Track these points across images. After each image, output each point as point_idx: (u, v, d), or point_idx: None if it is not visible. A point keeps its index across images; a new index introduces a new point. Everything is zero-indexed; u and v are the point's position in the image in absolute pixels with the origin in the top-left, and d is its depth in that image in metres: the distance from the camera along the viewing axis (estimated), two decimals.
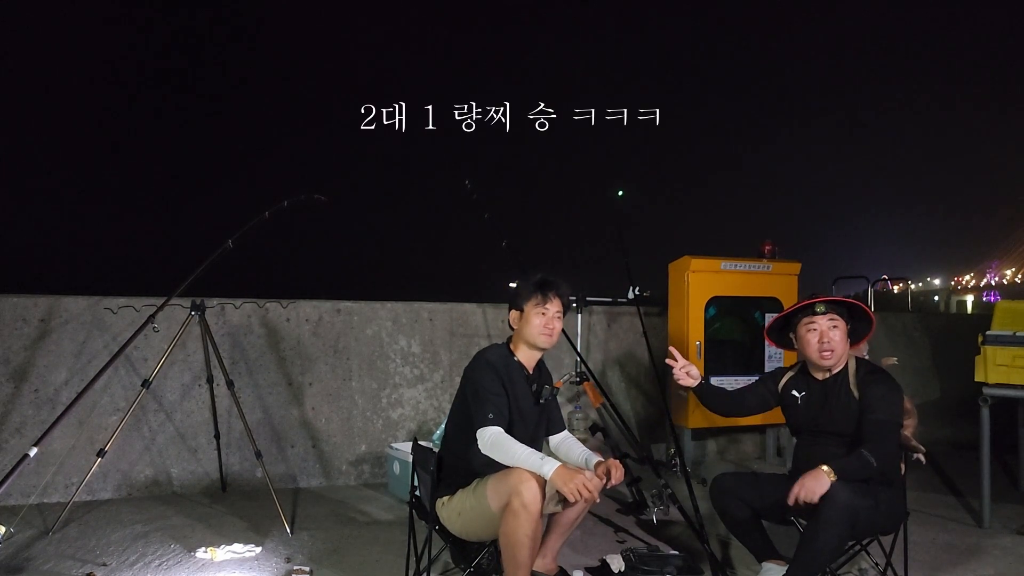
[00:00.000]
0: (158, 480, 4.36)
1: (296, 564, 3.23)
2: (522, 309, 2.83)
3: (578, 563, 3.22)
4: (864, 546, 2.94)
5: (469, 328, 5.10)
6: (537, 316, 2.80)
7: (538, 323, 2.79)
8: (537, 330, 2.79)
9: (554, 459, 2.54)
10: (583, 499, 2.46)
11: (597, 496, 2.52)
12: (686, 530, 3.59)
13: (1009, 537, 3.79)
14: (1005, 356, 3.84)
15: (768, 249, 5.27)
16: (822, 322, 2.87)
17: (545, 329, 2.80)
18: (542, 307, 2.80)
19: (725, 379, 4.98)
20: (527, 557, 2.49)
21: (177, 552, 3.37)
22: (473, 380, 2.72)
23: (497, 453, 2.55)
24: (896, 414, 2.75)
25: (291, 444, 4.63)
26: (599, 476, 2.65)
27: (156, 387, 4.24)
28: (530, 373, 2.87)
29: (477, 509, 2.61)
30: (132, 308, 4.29)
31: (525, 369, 2.85)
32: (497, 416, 2.61)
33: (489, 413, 2.61)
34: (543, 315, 2.80)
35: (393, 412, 4.88)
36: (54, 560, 3.25)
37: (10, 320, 4.16)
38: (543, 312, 2.80)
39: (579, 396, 5.03)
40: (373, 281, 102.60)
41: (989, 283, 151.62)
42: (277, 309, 4.65)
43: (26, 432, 4.08)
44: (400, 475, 4.29)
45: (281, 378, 4.63)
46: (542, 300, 2.80)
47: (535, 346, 2.83)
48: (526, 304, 2.82)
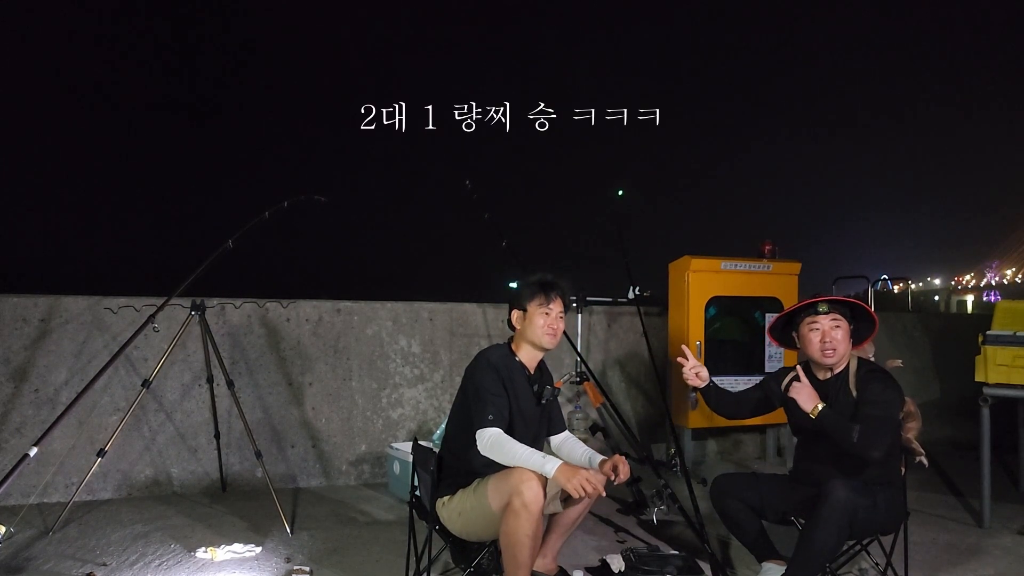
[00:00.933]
0: (158, 480, 4.35)
1: (296, 564, 3.23)
2: (525, 309, 2.82)
3: (578, 563, 3.22)
4: (864, 546, 2.94)
5: (469, 328, 5.10)
6: (540, 316, 2.79)
7: (542, 323, 2.79)
8: (541, 330, 2.79)
9: (555, 457, 2.55)
10: (588, 496, 2.45)
11: (603, 490, 2.52)
12: (686, 530, 3.60)
13: (1009, 537, 3.79)
14: (1005, 356, 3.84)
15: (768, 249, 5.27)
16: (824, 321, 2.87)
17: (549, 329, 2.79)
18: (545, 307, 2.80)
19: (725, 379, 4.98)
20: (528, 557, 2.48)
21: (177, 552, 3.37)
22: (474, 380, 2.71)
23: (497, 454, 2.55)
24: (892, 412, 2.75)
25: (291, 444, 4.63)
26: (606, 473, 2.66)
27: (156, 387, 4.24)
28: (531, 373, 2.86)
29: (478, 509, 2.61)
30: (132, 308, 4.29)
31: (527, 369, 2.85)
32: (497, 417, 2.61)
33: (489, 415, 2.60)
34: (547, 315, 2.79)
35: (393, 412, 4.88)
36: (54, 560, 3.25)
37: (10, 320, 4.16)
38: (547, 312, 2.80)
39: (579, 396, 5.03)
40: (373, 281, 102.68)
41: (989, 283, 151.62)
42: (277, 309, 4.65)
43: (26, 432, 4.08)
44: (400, 475, 4.29)
45: (281, 378, 4.63)
46: (545, 300, 2.80)
47: (538, 346, 2.83)
48: (529, 304, 2.81)
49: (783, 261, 5.22)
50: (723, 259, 5.02)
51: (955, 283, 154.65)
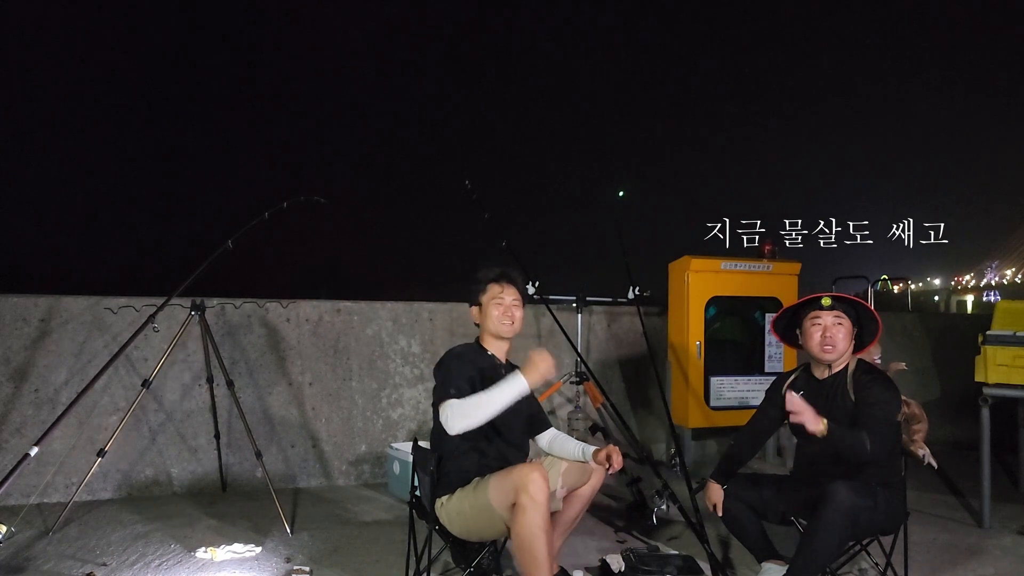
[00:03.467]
0: (158, 480, 4.36)
1: (296, 564, 3.23)
2: (480, 303, 2.90)
3: (578, 563, 3.22)
4: (864, 546, 2.94)
5: (469, 328, 5.09)
6: (495, 307, 2.87)
7: (497, 313, 2.86)
8: (498, 320, 2.86)
9: (518, 376, 2.56)
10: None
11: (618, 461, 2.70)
12: (686, 530, 3.60)
13: (1009, 537, 3.79)
14: (1005, 356, 3.84)
15: (768, 249, 5.27)
16: (827, 318, 2.87)
17: (505, 318, 2.86)
18: (498, 297, 2.87)
19: (725, 379, 4.99)
20: (545, 551, 2.44)
21: (177, 552, 3.37)
22: (441, 372, 2.72)
23: (467, 419, 2.50)
24: (890, 413, 2.75)
25: (291, 444, 4.63)
26: (600, 463, 2.74)
27: (156, 387, 4.24)
28: (503, 362, 2.91)
29: (478, 508, 2.60)
30: (132, 308, 4.29)
31: (497, 358, 2.89)
32: (459, 392, 2.58)
33: (451, 389, 2.58)
34: (500, 304, 2.87)
35: (393, 412, 4.88)
36: (54, 560, 3.25)
37: (10, 320, 4.16)
38: (499, 302, 2.87)
39: (579, 396, 5.03)
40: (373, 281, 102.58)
41: (989, 283, 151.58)
42: (277, 309, 4.65)
43: (26, 432, 4.08)
44: (400, 475, 4.29)
45: (281, 378, 4.63)
46: (498, 290, 2.87)
47: (499, 336, 2.88)
48: (483, 297, 2.89)
49: (783, 261, 5.22)
50: (723, 259, 5.02)
51: (955, 283, 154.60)
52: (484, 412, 2.52)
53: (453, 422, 2.51)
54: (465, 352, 2.81)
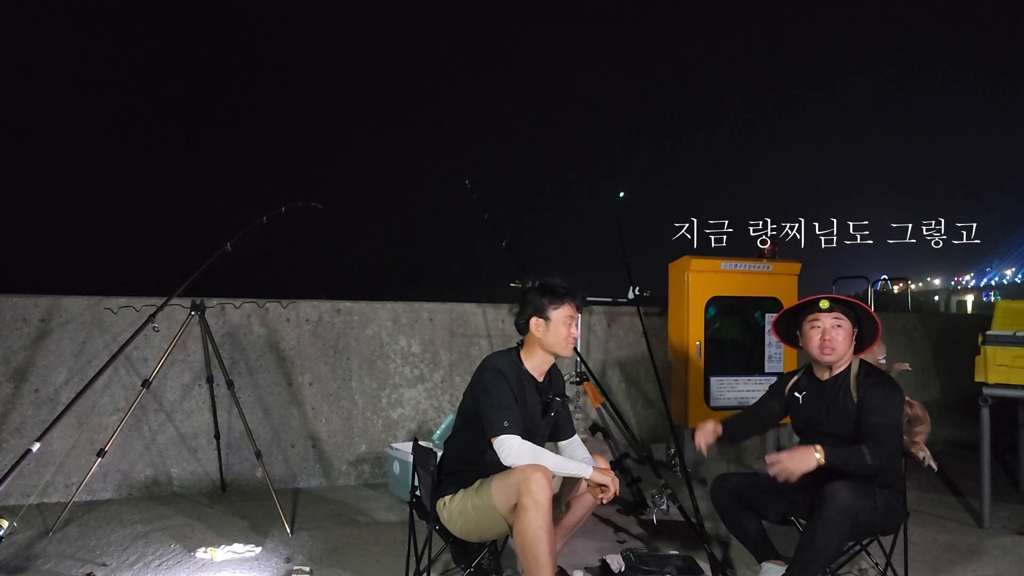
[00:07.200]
0: (158, 480, 4.35)
1: (296, 564, 3.23)
2: (548, 318, 2.74)
3: (578, 563, 3.22)
4: (864, 546, 2.94)
5: (469, 328, 5.10)
6: (565, 326, 2.74)
7: (565, 333, 2.74)
8: (565, 340, 2.75)
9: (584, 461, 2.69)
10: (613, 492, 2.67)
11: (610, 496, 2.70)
12: (686, 530, 3.59)
13: (1009, 537, 3.79)
14: (1005, 356, 3.84)
15: (768, 249, 5.27)
16: (826, 319, 2.87)
17: (571, 339, 2.77)
18: (571, 317, 2.76)
19: (725, 379, 4.98)
20: (547, 552, 2.43)
21: (177, 552, 3.37)
22: (484, 384, 2.66)
23: (524, 461, 2.52)
24: (895, 417, 2.75)
25: (291, 444, 4.63)
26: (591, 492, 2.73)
27: (156, 387, 4.23)
28: (540, 382, 2.82)
29: (480, 509, 2.60)
30: (132, 308, 4.29)
31: (535, 379, 2.80)
32: (512, 424, 2.56)
33: (504, 420, 2.55)
34: (570, 325, 2.76)
35: (393, 412, 4.88)
36: (54, 560, 3.25)
37: (10, 320, 4.16)
38: (570, 322, 2.76)
39: (579, 396, 5.03)
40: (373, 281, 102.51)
41: (989, 283, 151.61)
42: (277, 309, 4.65)
43: (26, 432, 4.08)
44: (400, 475, 4.29)
45: (281, 378, 4.63)
46: (573, 310, 2.76)
47: (556, 354, 2.80)
48: (554, 312, 2.73)
49: (783, 261, 5.22)
50: (723, 259, 5.01)
51: (955, 283, 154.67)
52: (543, 464, 2.53)
53: (512, 460, 2.52)
54: (506, 370, 2.68)
